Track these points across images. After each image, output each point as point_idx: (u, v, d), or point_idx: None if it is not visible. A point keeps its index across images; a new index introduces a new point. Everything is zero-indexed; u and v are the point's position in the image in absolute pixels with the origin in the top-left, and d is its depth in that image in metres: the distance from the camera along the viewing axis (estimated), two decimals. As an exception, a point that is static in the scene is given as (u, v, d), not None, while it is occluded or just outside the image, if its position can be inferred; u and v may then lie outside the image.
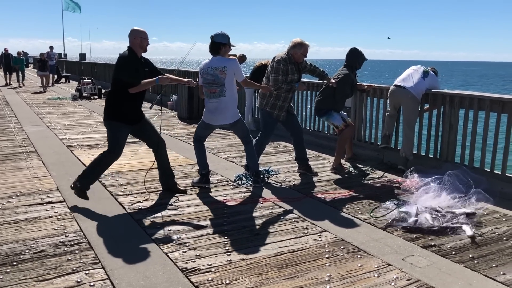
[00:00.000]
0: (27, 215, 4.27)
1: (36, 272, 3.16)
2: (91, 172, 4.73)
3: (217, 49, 5.01)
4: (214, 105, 5.07)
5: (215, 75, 4.96)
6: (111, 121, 4.64)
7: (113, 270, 3.25)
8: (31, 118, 10.78)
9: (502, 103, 5.23)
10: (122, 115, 4.61)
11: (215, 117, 5.13)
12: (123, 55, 4.59)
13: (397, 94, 6.08)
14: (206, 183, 5.25)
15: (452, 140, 5.81)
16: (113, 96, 4.63)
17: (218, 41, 4.99)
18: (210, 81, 5.00)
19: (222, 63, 4.98)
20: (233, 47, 5.11)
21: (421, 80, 5.96)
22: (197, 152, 5.33)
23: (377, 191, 5.23)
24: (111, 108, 4.64)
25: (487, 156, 5.42)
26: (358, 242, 3.79)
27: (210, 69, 5.00)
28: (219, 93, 4.99)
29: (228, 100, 5.03)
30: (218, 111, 5.07)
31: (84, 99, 15.38)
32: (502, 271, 3.32)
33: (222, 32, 5.02)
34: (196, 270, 3.25)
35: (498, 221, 4.34)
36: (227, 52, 5.08)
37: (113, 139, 4.66)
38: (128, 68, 4.49)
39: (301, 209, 4.59)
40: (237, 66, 5.02)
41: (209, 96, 5.07)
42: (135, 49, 4.60)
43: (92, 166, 4.74)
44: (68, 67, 29.46)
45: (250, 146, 5.39)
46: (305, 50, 5.58)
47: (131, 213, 4.39)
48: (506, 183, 5.12)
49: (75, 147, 7.39)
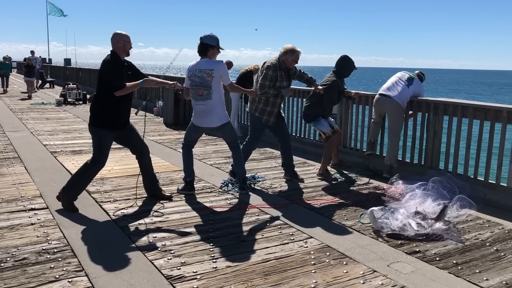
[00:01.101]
0: (9, 222, 4.19)
1: (18, 281, 3.10)
2: (77, 182, 4.64)
3: (205, 51, 5.00)
4: (201, 107, 5.05)
5: (202, 77, 4.95)
6: (97, 128, 4.58)
7: (97, 278, 3.20)
8: (14, 123, 10.63)
9: (485, 110, 5.32)
10: (108, 121, 4.56)
11: (202, 119, 5.12)
12: (106, 59, 4.56)
13: (382, 102, 6.13)
14: (190, 190, 5.22)
15: (437, 146, 5.88)
16: (98, 101, 4.58)
17: (206, 43, 4.98)
18: (197, 83, 4.99)
19: (209, 65, 4.97)
20: (221, 50, 5.09)
21: (405, 88, 6.02)
22: (184, 159, 5.30)
23: (363, 198, 5.26)
24: (97, 114, 4.58)
25: (471, 163, 5.49)
26: (343, 249, 3.80)
27: (197, 71, 4.99)
28: (206, 96, 4.98)
29: (215, 103, 5.01)
30: (205, 113, 5.06)
31: (68, 104, 15.23)
32: (485, 276, 3.36)
33: (211, 34, 5.01)
34: (181, 278, 3.22)
35: (481, 227, 4.39)
36: (215, 54, 5.07)
37: (99, 148, 4.60)
38: (112, 72, 4.46)
39: (287, 215, 4.59)
40: (223, 70, 5.01)
41: (196, 98, 5.05)
42: (118, 52, 4.58)
43: (77, 176, 4.66)
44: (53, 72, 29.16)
45: (238, 152, 5.38)
46: (296, 57, 5.60)
47: (116, 220, 4.34)
48: (489, 189, 5.19)
49: (59, 153, 7.30)
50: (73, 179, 4.67)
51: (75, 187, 4.64)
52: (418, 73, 6.40)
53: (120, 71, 4.52)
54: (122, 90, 4.46)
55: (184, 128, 5.44)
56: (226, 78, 5.06)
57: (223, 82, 5.06)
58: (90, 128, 4.64)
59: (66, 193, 4.61)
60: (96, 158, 4.60)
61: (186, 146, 5.34)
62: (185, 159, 5.30)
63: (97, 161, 4.61)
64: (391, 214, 4.38)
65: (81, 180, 4.65)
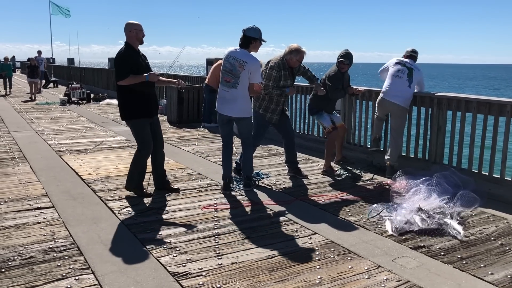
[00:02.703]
0: (15, 221, 4.23)
1: (25, 279, 3.14)
2: (133, 171, 4.93)
3: (248, 43, 4.98)
4: (224, 93, 5.06)
5: (234, 65, 4.94)
6: (132, 120, 4.77)
7: (104, 275, 3.23)
8: (19, 123, 10.69)
9: (488, 105, 5.31)
10: (138, 110, 4.73)
11: (223, 106, 5.10)
12: (119, 52, 4.68)
13: (385, 105, 6.06)
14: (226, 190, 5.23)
15: (440, 141, 5.87)
16: (121, 95, 4.73)
17: (249, 35, 4.96)
18: (227, 70, 4.99)
19: (245, 57, 4.95)
20: (264, 42, 5.07)
21: (407, 89, 5.93)
22: (222, 160, 5.37)
23: (367, 193, 5.26)
24: (126, 107, 4.75)
25: (475, 158, 5.48)
26: (348, 244, 3.81)
27: (231, 58, 4.98)
28: (232, 84, 4.97)
29: (239, 94, 4.99)
30: (226, 101, 5.05)
31: (72, 103, 15.27)
32: (490, 271, 3.36)
33: (254, 26, 4.99)
34: (187, 274, 3.24)
35: (486, 222, 4.39)
36: (257, 47, 5.04)
37: (138, 138, 4.83)
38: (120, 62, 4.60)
39: (291, 212, 4.61)
40: (256, 67, 4.97)
41: (222, 83, 5.07)
42: (132, 42, 4.70)
43: (131, 166, 4.95)
44: (57, 71, 29.24)
45: (249, 149, 5.37)
46: (301, 57, 5.59)
47: (121, 218, 4.37)
48: (494, 184, 5.19)
49: (64, 152, 7.33)
50: (130, 170, 4.97)
51: (134, 177, 4.94)
52: (411, 53, 6.11)
53: (132, 60, 4.65)
54: (125, 80, 4.60)
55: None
56: (255, 77, 4.99)
57: (250, 79, 5.00)
58: (126, 122, 4.87)
59: (130, 184, 4.97)
60: (139, 147, 4.88)
61: (224, 147, 5.33)
62: (223, 159, 5.35)
63: (141, 150, 4.87)
64: (395, 209, 4.39)
65: (136, 169, 4.93)
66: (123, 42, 4.76)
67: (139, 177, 4.99)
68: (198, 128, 9.73)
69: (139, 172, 4.97)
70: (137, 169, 4.94)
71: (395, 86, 5.99)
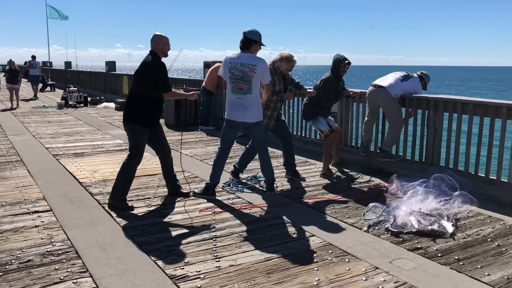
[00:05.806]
0: (13, 225, 4.23)
1: (23, 282, 3.13)
2: (119, 181, 4.71)
3: (248, 45, 5.00)
4: (239, 101, 5.03)
5: (244, 71, 4.94)
6: (134, 124, 4.68)
7: (102, 278, 3.23)
8: (16, 127, 10.67)
9: (484, 106, 5.33)
10: (146, 118, 4.69)
11: (239, 113, 5.06)
12: (151, 61, 4.64)
13: (372, 94, 6.16)
14: (212, 195, 5.12)
15: (437, 143, 5.89)
16: (139, 99, 4.67)
17: (250, 38, 4.98)
18: (238, 77, 4.97)
19: (252, 61, 4.96)
20: (263, 46, 5.11)
21: (397, 82, 6.04)
22: (216, 161, 5.23)
23: (365, 196, 5.28)
24: (136, 111, 4.67)
25: (471, 159, 5.50)
26: (345, 246, 3.82)
27: (239, 65, 4.97)
28: (246, 90, 4.97)
29: (254, 99, 5.01)
30: (243, 107, 5.03)
31: (70, 107, 15.26)
32: (487, 272, 3.38)
33: (255, 29, 5.03)
34: (184, 277, 3.25)
35: (482, 223, 4.41)
36: (257, 50, 5.08)
37: (135, 143, 4.71)
38: (163, 73, 4.63)
39: (289, 214, 4.61)
40: (266, 67, 5.01)
41: (235, 92, 5.03)
42: (158, 54, 4.67)
43: (118, 176, 4.74)
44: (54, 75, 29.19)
45: (266, 154, 5.33)
46: (291, 66, 5.65)
47: (119, 221, 4.37)
48: (490, 185, 5.21)
49: (62, 156, 7.33)
50: (116, 180, 4.76)
51: (119, 188, 4.71)
52: (420, 74, 6.34)
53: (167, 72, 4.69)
54: (169, 93, 4.67)
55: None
56: (267, 77, 5.05)
57: (263, 80, 5.04)
58: (125, 123, 4.74)
59: (113, 195, 4.70)
60: (132, 153, 4.73)
61: (223, 150, 5.25)
62: (217, 162, 5.21)
63: (133, 156, 4.72)
64: (393, 211, 4.41)
65: (121, 177, 4.71)
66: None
67: (123, 188, 4.70)
68: (195, 131, 9.75)
69: (124, 180, 4.70)
70: (123, 177, 4.69)
71: (385, 77, 6.19)
